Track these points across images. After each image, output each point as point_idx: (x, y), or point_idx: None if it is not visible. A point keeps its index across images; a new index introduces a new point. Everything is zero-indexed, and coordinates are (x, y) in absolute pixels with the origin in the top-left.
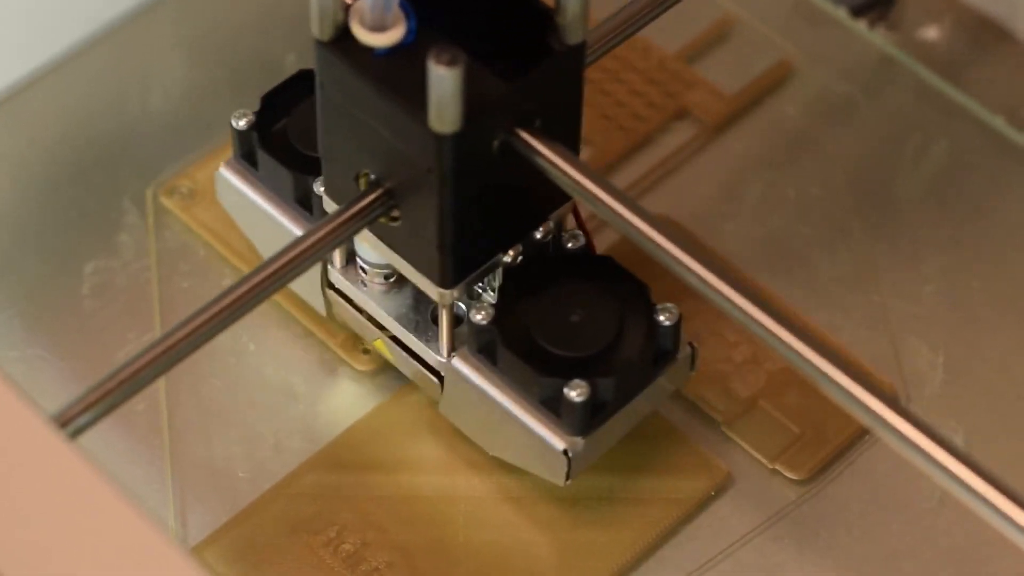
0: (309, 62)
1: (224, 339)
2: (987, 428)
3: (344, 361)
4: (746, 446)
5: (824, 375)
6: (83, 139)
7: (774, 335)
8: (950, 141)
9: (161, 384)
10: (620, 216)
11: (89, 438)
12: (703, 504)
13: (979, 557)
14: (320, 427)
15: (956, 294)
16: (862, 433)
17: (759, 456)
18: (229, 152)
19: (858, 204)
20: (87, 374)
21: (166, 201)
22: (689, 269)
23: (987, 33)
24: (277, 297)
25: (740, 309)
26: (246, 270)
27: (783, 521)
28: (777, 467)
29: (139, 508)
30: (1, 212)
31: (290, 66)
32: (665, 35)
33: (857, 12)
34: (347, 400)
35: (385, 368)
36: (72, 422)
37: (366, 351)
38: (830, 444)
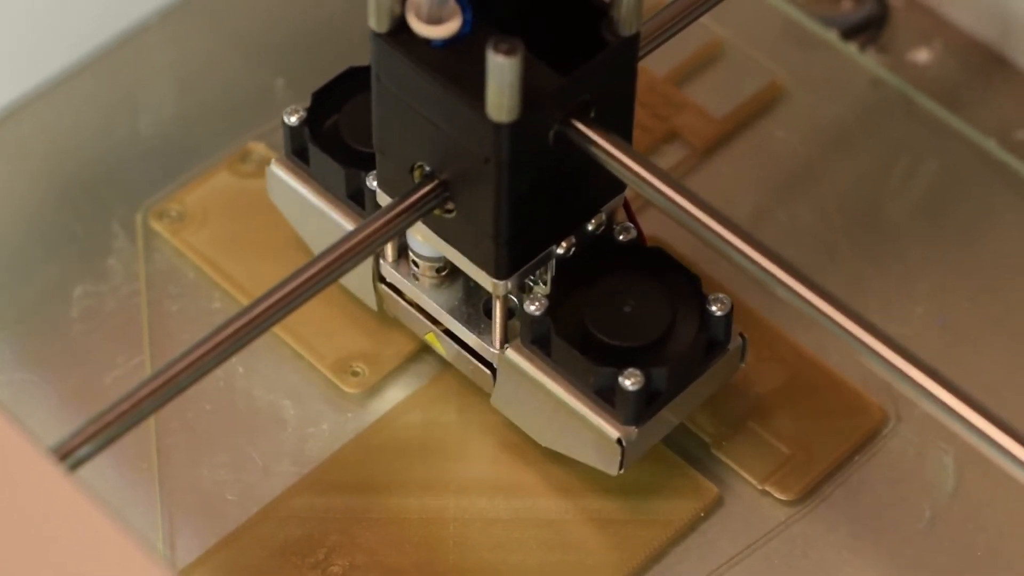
0: (298, 87)
1: None
2: (977, 451)
3: (333, 384)
4: (736, 467)
5: (881, 359)
6: (72, 163)
7: (837, 323)
8: (941, 163)
9: None
10: (676, 204)
11: None
12: (692, 525)
13: None
14: (309, 450)
15: (946, 316)
16: (852, 454)
17: (749, 477)
18: (218, 176)
19: (848, 227)
20: (76, 398)
21: (155, 225)
22: (748, 257)
23: (978, 56)
24: None
25: (800, 297)
26: (236, 293)
27: (773, 542)
28: (767, 488)
29: (127, 531)
30: None
31: (279, 90)
32: (654, 58)
33: (847, 34)
34: (336, 423)
35: (373, 391)
36: (72, 454)
37: (355, 373)
38: (820, 465)
